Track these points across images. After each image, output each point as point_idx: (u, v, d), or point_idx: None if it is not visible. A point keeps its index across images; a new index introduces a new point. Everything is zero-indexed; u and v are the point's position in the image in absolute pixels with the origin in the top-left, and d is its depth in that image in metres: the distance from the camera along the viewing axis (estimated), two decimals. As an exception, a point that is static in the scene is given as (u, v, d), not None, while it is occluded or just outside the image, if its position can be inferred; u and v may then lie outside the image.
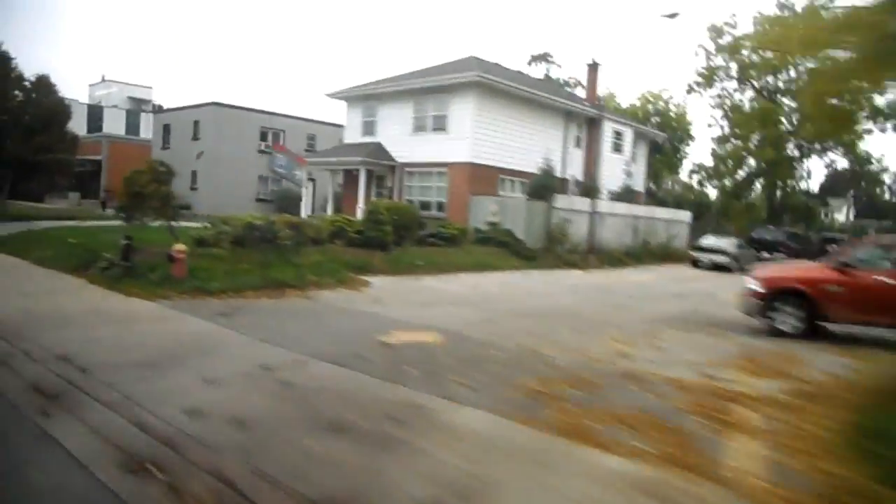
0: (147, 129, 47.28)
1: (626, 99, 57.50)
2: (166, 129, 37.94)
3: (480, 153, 23.12)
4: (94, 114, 51.75)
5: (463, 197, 22.83)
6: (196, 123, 35.29)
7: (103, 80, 58.26)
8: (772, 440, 4.79)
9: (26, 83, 27.93)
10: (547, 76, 52.10)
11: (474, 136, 22.87)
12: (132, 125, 51.66)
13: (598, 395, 5.83)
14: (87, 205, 42.97)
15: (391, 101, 25.46)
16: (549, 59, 53.92)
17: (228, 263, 12.07)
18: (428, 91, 24.08)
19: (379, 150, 25.29)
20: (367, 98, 26.50)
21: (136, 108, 55.14)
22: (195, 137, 35.31)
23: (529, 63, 53.44)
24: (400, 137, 25.03)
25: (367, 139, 26.25)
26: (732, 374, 6.97)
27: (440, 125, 23.85)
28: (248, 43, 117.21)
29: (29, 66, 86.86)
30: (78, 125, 38.66)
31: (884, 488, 3.75)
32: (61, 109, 28.32)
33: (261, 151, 36.12)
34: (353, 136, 27.22)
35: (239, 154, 34.92)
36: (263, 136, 36.26)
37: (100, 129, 48.25)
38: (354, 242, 16.49)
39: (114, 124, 50.27)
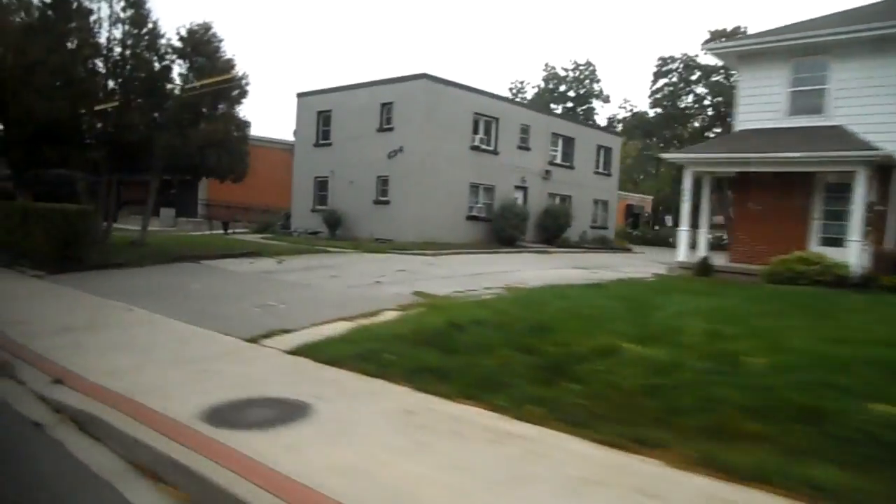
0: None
1: None
2: (322, 117, 26.14)
3: None
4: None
5: None
6: (386, 108, 23.58)
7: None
8: None
9: (175, 41, 16.22)
10: None
11: None
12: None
13: None
14: (188, 224, 31.07)
15: (862, 54, 14.16)
16: None
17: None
18: None
19: (843, 139, 13.92)
20: (797, 52, 15.15)
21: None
22: (383, 127, 23.60)
23: None
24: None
25: (803, 121, 14.87)
26: None
27: None
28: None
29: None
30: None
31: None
32: (231, 78, 16.54)
33: (473, 148, 24.53)
34: (759, 116, 15.76)
35: (449, 151, 23.34)
36: (475, 127, 24.69)
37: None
38: None
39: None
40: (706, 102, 47.93)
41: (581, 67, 52.66)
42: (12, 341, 6.91)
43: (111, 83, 15.86)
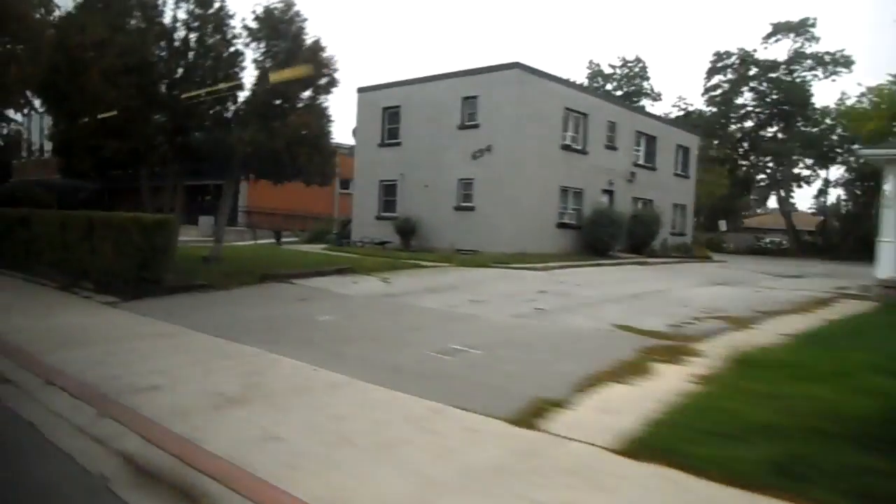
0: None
1: None
2: (388, 114, 23.44)
3: None
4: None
5: None
6: (469, 102, 20.85)
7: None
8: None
9: (251, 20, 13.59)
10: None
11: None
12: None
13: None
14: (230, 234, 28.38)
15: None
16: None
17: None
18: None
19: None
20: None
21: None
22: (465, 124, 20.88)
23: None
24: None
25: None
26: None
27: None
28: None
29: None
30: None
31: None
32: (324, 64, 13.80)
33: (564, 147, 21.80)
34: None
35: (540, 151, 20.64)
36: (565, 123, 21.95)
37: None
38: None
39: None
40: (765, 100, 45.10)
41: (630, 64, 49.93)
42: (167, 434, 4.19)
43: (179, 70, 13.25)
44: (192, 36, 13.35)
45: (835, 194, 48.88)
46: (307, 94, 13.78)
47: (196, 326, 8.05)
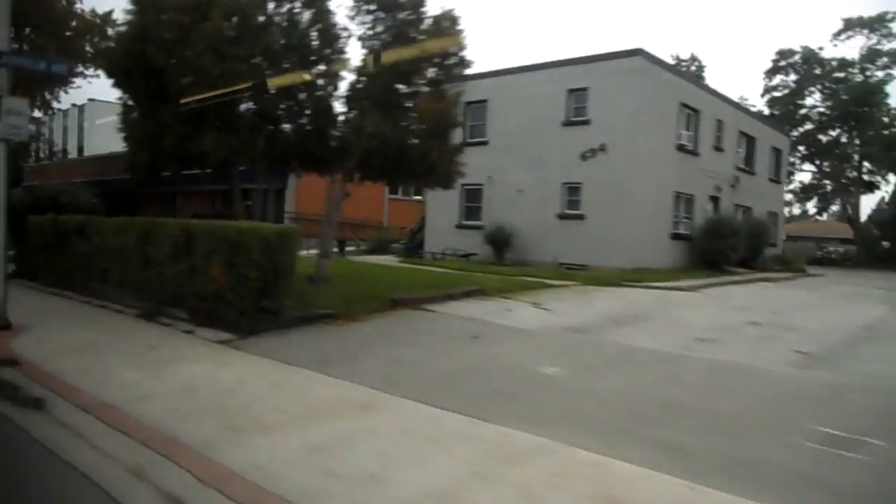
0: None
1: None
2: (472, 109, 20.82)
3: None
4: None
5: None
6: (576, 95, 18.25)
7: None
8: None
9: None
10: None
11: None
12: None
13: None
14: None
15: None
16: None
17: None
18: None
19: None
20: None
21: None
22: (572, 120, 18.26)
23: None
24: None
25: None
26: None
27: None
28: None
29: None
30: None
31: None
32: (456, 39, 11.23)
33: (679, 147, 19.17)
34: None
35: (654, 152, 18.02)
36: (678, 121, 19.31)
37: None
38: None
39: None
40: (833, 101, 42.27)
41: (685, 63, 47.16)
42: None
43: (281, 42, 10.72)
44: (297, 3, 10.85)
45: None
46: (430, 75, 11.22)
47: (386, 386, 5.49)
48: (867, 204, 58.85)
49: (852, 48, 38.98)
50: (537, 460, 3.91)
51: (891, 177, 44.21)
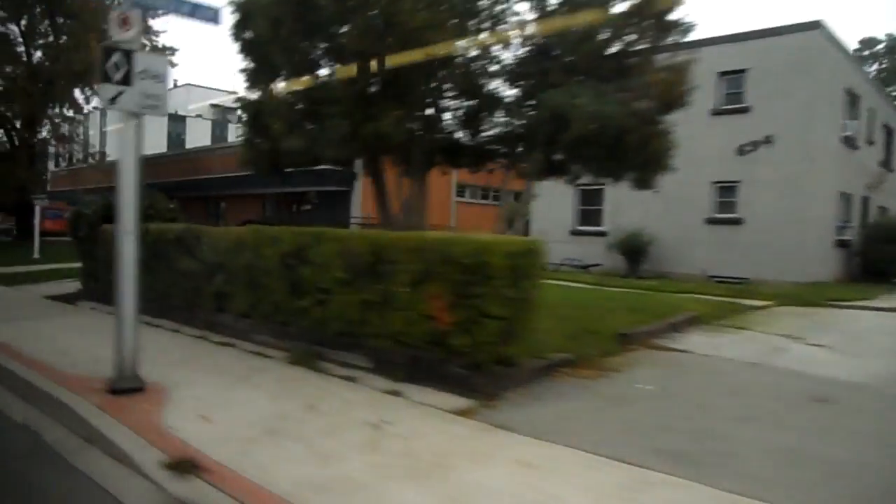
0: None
1: None
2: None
3: None
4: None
5: None
6: (729, 78, 15.56)
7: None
8: None
9: None
10: None
11: None
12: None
13: None
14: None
15: None
16: None
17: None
18: None
19: None
20: None
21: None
22: (724, 108, 15.58)
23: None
24: None
25: None
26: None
27: None
28: None
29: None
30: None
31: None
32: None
33: (844, 140, 16.39)
34: None
35: (819, 145, 15.26)
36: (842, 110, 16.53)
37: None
38: None
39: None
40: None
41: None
42: None
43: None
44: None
45: None
46: (647, 42, 8.66)
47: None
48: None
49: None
50: None
51: None
